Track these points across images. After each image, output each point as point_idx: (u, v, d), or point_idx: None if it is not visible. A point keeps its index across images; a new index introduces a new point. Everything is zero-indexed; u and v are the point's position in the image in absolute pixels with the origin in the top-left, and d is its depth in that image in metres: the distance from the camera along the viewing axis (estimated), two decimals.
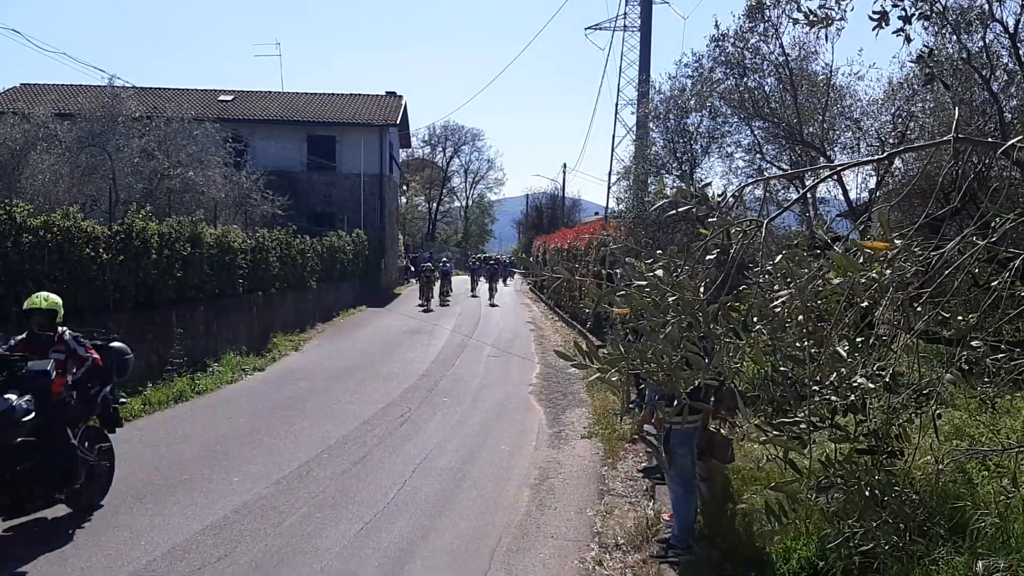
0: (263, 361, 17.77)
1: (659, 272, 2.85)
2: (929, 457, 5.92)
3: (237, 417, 12.22)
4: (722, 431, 6.86)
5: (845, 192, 12.48)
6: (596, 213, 48.39)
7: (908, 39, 5.51)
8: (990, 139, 6.70)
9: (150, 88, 33.41)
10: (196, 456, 9.86)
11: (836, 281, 3.01)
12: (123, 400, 9.14)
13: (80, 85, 31.98)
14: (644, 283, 2.81)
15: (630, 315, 2.94)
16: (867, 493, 3.30)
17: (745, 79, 13.47)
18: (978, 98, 9.89)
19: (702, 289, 2.90)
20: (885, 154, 5.33)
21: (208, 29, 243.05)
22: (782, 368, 3.31)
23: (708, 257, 2.98)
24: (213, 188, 23.04)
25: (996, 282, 2.93)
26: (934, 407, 3.51)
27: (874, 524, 3.92)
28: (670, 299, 2.78)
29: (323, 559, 6.72)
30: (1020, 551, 5.02)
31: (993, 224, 2.86)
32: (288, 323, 22.32)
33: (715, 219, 2.93)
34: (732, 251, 2.96)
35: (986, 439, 6.89)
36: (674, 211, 3.04)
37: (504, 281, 52.22)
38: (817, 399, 3.11)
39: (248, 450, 10.20)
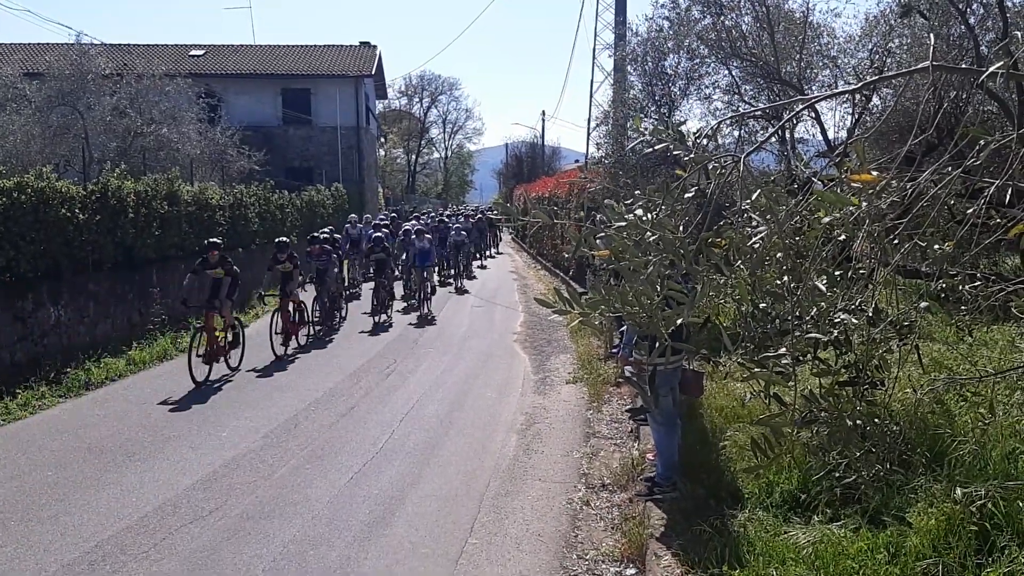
0: (247, 318, 17.71)
1: (638, 212, 2.85)
2: (908, 389, 6.02)
3: None
4: (691, 366, 6.95)
5: (823, 131, 12.47)
6: (576, 160, 47.07)
7: None
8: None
9: (119, 45, 32.71)
10: (184, 413, 9.88)
11: (826, 220, 3.01)
12: None
13: (47, 43, 31.35)
14: (624, 224, 2.81)
15: (611, 257, 2.94)
16: (850, 424, 3.35)
17: (722, 18, 13.34)
18: (955, 32, 9.84)
19: (681, 228, 2.91)
20: (860, 84, 5.30)
21: None
22: (762, 305, 3.33)
23: (687, 196, 2.98)
24: (188, 145, 22.76)
25: (971, 210, 2.95)
26: (914, 339, 3.55)
27: (856, 455, 3.99)
28: (651, 238, 2.78)
29: (314, 508, 6.79)
30: (997, 477, 5.14)
31: (977, 147, 2.87)
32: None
33: (692, 157, 2.93)
34: (710, 189, 2.96)
35: (963, 370, 7.00)
36: (651, 149, 3.04)
37: (491, 246, 37.17)
38: (799, 334, 3.14)
39: (235, 405, 10.23)
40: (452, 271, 24.70)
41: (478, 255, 32.35)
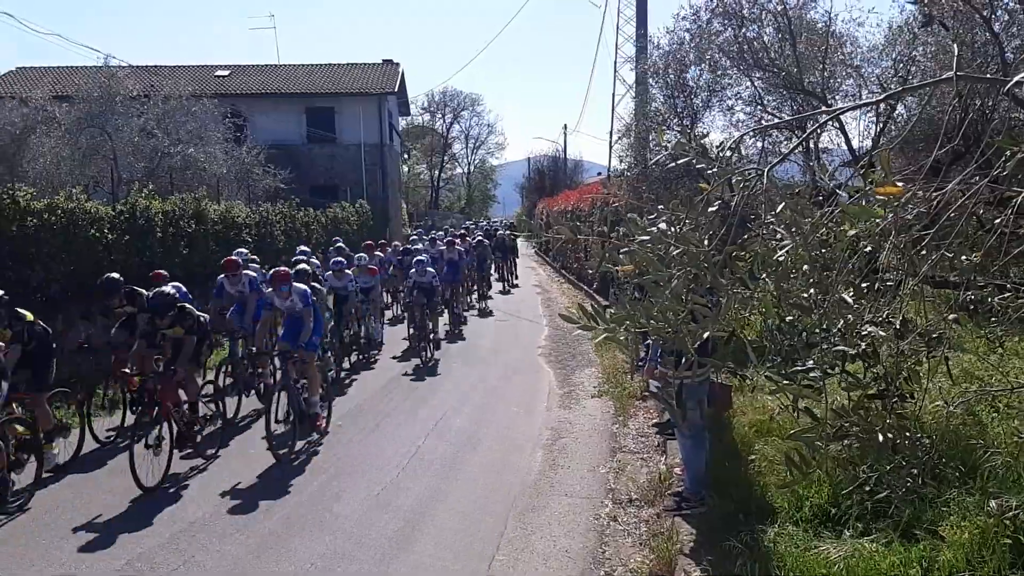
0: None
1: (662, 226, 2.84)
2: (940, 401, 5.95)
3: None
4: (720, 380, 6.91)
5: (848, 141, 12.38)
6: (599, 173, 46.43)
7: None
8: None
9: (146, 66, 33.11)
10: (210, 432, 9.92)
11: (852, 232, 2.99)
12: None
13: (76, 66, 31.80)
14: (647, 238, 2.80)
15: (635, 271, 2.94)
16: (880, 438, 3.30)
17: (743, 29, 13.31)
18: (979, 39, 9.75)
19: (706, 241, 2.90)
20: (883, 95, 5.26)
21: (201, 4, 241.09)
22: (788, 318, 3.30)
23: (710, 209, 2.97)
24: (214, 164, 23.01)
25: (999, 219, 2.92)
26: (944, 350, 3.51)
27: (887, 468, 3.95)
28: (674, 252, 2.78)
29: (342, 524, 6.81)
30: None
31: (1003, 158, 2.84)
32: None
33: (715, 170, 2.92)
34: (734, 202, 2.95)
35: (995, 381, 6.91)
36: (674, 163, 3.04)
37: (509, 275, 28.39)
38: (826, 347, 3.11)
39: (263, 423, 10.25)
40: (414, 332, 14.95)
41: (477, 291, 22.97)
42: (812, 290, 3.09)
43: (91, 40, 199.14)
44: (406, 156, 64.66)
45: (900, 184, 2.86)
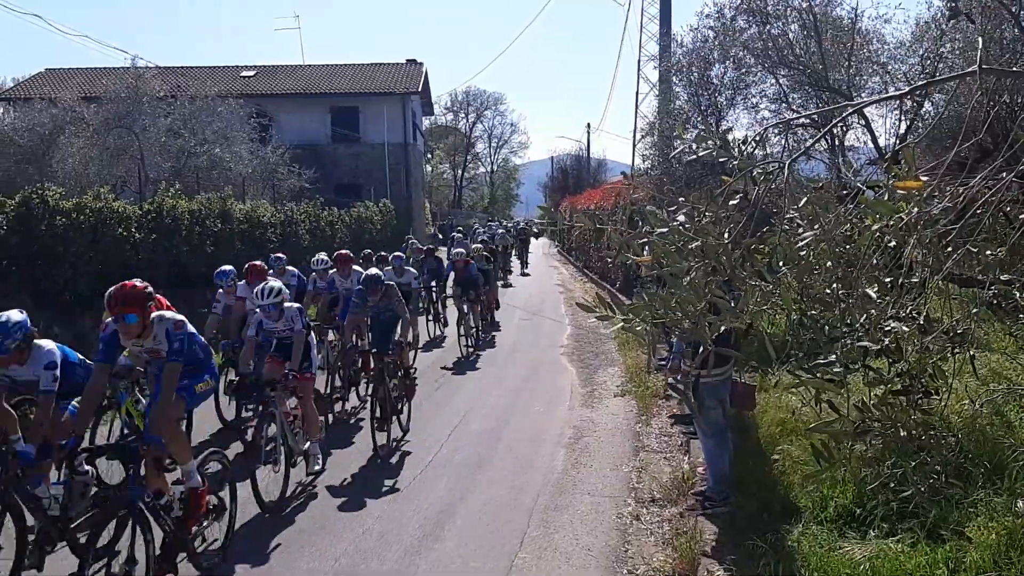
0: None
1: (681, 218, 2.83)
2: (966, 401, 5.87)
3: None
4: (743, 379, 6.86)
5: (874, 138, 12.27)
6: (622, 172, 46.14)
7: None
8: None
9: (173, 67, 33.47)
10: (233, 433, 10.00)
11: (875, 227, 2.96)
12: None
13: (104, 68, 32.19)
14: (665, 230, 2.80)
15: (653, 263, 2.93)
16: (904, 435, 3.27)
17: (768, 26, 13.23)
18: (1008, 35, 9.64)
19: (726, 234, 2.88)
20: (907, 90, 5.22)
21: (227, 5, 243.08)
22: (811, 313, 3.28)
23: (731, 203, 2.96)
24: (240, 164, 23.22)
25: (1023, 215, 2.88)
26: (970, 348, 3.46)
27: (911, 466, 3.91)
28: (692, 244, 2.77)
29: (364, 523, 6.83)
30: None
31: None
32: None
33: (737, 163, 2.90)
34: (754, 195, 2.93)
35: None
36: (695, 157, 3.03)
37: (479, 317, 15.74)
38: (849, 342, 3.08)
39: None
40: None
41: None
42: (835, 285, 3.06)
43: (119, 42, 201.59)
44: (429, 156, 64.90)
45: (924, 179, 2.83)
